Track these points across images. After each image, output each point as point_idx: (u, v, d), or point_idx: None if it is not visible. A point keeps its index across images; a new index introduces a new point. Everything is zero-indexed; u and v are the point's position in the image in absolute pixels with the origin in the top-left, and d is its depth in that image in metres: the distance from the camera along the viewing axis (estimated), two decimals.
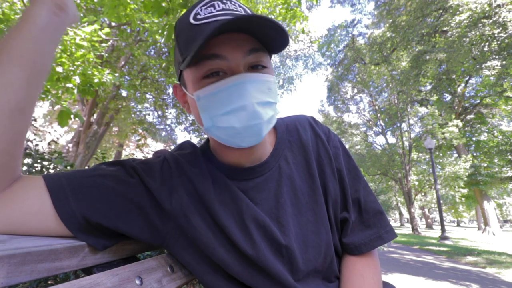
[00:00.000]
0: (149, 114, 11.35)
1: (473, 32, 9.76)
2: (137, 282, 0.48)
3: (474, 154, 16.92)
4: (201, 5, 0.50)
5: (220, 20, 0.48)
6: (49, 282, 1.09)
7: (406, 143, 18.07)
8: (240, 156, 0.57)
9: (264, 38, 0.49)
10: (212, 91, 0.48)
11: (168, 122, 12.54)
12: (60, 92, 2.77)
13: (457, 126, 14.88)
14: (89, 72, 2.75)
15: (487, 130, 16.20)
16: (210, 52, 0.47)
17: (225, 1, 0.50)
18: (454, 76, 14.97)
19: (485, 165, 15.19)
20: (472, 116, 16.56)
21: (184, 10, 2.17)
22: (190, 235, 0.53)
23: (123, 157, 13.35)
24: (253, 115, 0.47)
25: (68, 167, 2.39)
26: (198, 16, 0.49)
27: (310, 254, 0.56)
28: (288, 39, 0.49)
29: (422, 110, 16.31)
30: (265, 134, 0.51)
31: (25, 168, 2.28)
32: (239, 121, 0.47)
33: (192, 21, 0.49)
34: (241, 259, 0.53)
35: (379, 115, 20.67)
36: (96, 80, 2.81)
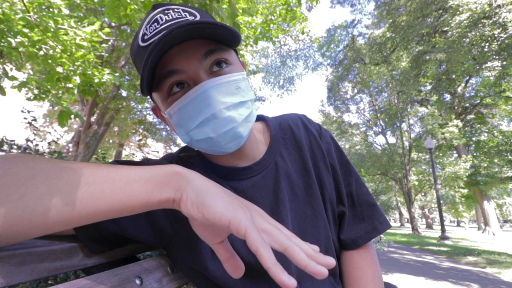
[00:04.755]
0: (149, 114, 11.34)
1: (473, 33, 9.75)
2: (137, 282, 0.48)
3: (474, 154, 16.90)
4: (146, 24, 0.48)
5: (167, 34, 0.44)
6: (49, 282, 1.08)
7: (406, 143, 18.07)
8: (232, 158, 0.57)
9: (215, 37, 0.47)
10: (179, 106, 0.47)
11: None
12: (60, 92, 2.77)
13: (457, 126, 14.87)
14: (89, 72, 2.74)
15: (487, 130, 16.18)
16: (165, 70, 0.46)
17: (167, 11, 0.48)
18: (454, 76, 14.96)
19: (485, 165, 15.17)
20: (472, 116, 16.55)
21: None
22: (190, 243, 0.52)
23: (123, 157, 13.36)
24: (225, 121, 0.46)
25: None
26: (145, 37, 0.47)
27: None
28: (235, 32, 0.47)
29: (422, 110, 16.31)
30: (247, 134, 0.50)
31: None
32: (213, 130, 0.47)
33: (141, 43, 0.48)
34: None
35: (379, 115, 20.66)
36: (96, 80, 2.80)
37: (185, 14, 0.48)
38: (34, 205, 0.31)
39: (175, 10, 0.49)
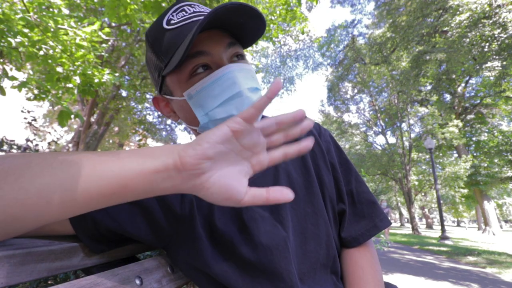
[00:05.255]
0: (149, 114, 11.34)
1: (473, 33, 9.75)
2: (137, 282, 0.48)
3: (474, 154, 16.90)
4: (172, 12, 0.52)
5: (197, 21, 0.50)
6: (49, 282, 1.08)
7: (406, 143, 18.06)
8: None
9: (239, 31, 0.52)
10: (203, 85, 0.49)
11: (168, 122, 12.56)
12: (60, 92, 2.77)
13: (457, 126, 14.87)
14: (89, 72, 2.74)
15: (487, 130, 16.18)
16: (193, 50, 0.49)
17: (193, 5, 0.53)
18: (454, 76, 14.97)
19: (485, 165, 15.17)
20: (472, 116, 16.55)
21: None
22: (191, 242, 0.52)
23: None
24: (248, 101, 0.49)
25: None
26: (172, 21, 0.51)
27: (311, 245, 0.56)
28: (264, 23, 0.50)
29: (422, 110, 16.31)
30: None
31: None
32: (237, 109, 0.48)
33: (166, 26, 0.51)
34: (242, 266, 0.52)
35: (379, 115, 20.65)
36: (96, 80, 2.80)
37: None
38: (28, 185, 0.31)
39: (200, 6, 0.54)
